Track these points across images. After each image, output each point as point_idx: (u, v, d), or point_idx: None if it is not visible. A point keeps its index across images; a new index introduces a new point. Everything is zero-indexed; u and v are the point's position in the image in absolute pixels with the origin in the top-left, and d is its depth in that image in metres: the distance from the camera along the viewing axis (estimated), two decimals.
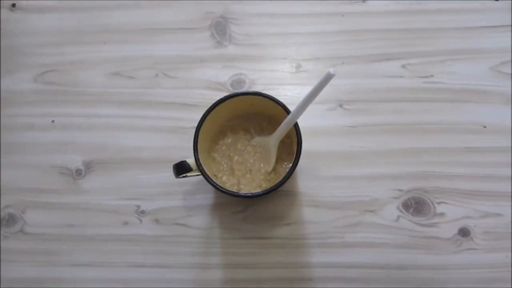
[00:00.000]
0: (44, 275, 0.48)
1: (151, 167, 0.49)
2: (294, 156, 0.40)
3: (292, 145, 0.45)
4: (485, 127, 0.49)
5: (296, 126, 0.41)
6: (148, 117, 0.51)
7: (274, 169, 0.44)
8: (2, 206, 0.50)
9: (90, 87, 0.52)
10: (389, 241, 0.46)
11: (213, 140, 0.46)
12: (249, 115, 0.46)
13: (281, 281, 0.46)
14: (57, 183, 0.50)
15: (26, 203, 0.49)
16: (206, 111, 0.42)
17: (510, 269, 0.45)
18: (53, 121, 0.51)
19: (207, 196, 0.49)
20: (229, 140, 0.46)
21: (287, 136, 0.44)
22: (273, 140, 0.43)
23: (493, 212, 0.47)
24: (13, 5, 0.55)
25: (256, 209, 0.48)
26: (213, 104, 0.42)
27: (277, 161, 0.45)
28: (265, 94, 0.42)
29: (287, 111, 0.41)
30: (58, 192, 0.49)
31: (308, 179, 0.48)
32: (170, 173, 0.42)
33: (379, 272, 0.46)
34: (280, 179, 0.40)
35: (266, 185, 0.43)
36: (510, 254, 0.45)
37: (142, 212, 0.48)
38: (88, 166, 0.50)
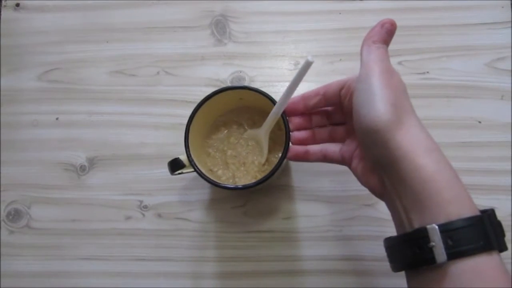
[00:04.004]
0: (49, 268, 0.49)
1: (153, 163, 0.50)
2: (283, 146, 0.40)
3: (284, 135, 0.45)
4: (480, 122, 0.49)
5: (283, 116, 0.41)
6: (149, 114, 0.52)
7: (267, 161, 0.45)
8: (8, 202, 0.51)
9: (93, 85, 0.53)
10: (386, 234, 0.47)
11: (207, 135, 0.46)
12: (241, 109, 0.47)
13: (281, 273, 0.47)
14: (62, 179, 0.51)
15: (31, 198, 0.50)
16: (195, 108, 0.42)
17: (504, 261, 0.46)
18: (57, 119, 0.52)
19: (208, 191, 0.50)
20: (222, 135, 0.47)
21: (279, 127, 0.45)
22: (263, 132, 0.43)
23: (488, 205, 0.47)
24: (17, 4, 0.56)
25: (255, 204, 0.49)
26: (201, 101, 0.42)
27: (270, 152, 0.45)
28: (251, 87, 0.42)
29: (274, 102, 0.41)
30: (63, 187, 0.50)
31: (306, 174, 0.49)
32: None
33: (376, 265, 0.46)
34: None
35: (261, 177, 0.44)
36: None
37: (145, 207, 0.49)
38: (92, 162, 0.51)
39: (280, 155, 0.45)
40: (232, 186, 0.41)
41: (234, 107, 0.46)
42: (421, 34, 0.52)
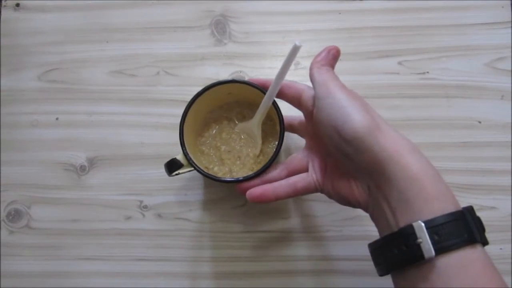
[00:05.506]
0: (49, 268, 0.49)
1: (153, 163, 0.50)
2: (279, 134, 0.40)
3: (275, 125, 0.45)
4: (480, 122, 0.49)
5: (275, 105, 0.41)
6: (149, 114, 0.52)
7: (261, 152, 0.45)
8: (8, 202, 0.51)
9: (93, 85, 0.53)
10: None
11: (199, 133, 0.46)
12: (230, 104, 0.47)
13: (280, 273, 0.47)
14: (62, 179, 0.51)
15: (31, 198, 0.50)
16: (187, 105, 0.42)
17: (503, 261, 0.46)
18: (57, 119, 0.52)
19: (208, 190, 0.50)
20: (214, 131, 0.47)
21: (269, 118, 0.45)
22: (255, 123, 0.43)
23: (488, 205, 0.48)
24: (17, 4, 0.56)
25: (255, 204, 0.49)
26: (192, 98, 0.42)
27: (263, 143, 0.45)
28: (240, 80, 0.42)
29: (264, 92, 0.41)
30: (63, 187, 0.50)
31: None
32: None
33: None
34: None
35: (257, 168, 0.43)
36: (504, 246, 0.46)
37: (145, 207, 0.49)
38: (92, 163, 0.51)
39: (273, 144, 0.45)
40: (233, 179, 0.41)
41: (223, 102, 0.47)
42: (421, 34, 0.52)
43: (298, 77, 0.52)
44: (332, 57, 0.37)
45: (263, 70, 0.53)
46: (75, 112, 0.52)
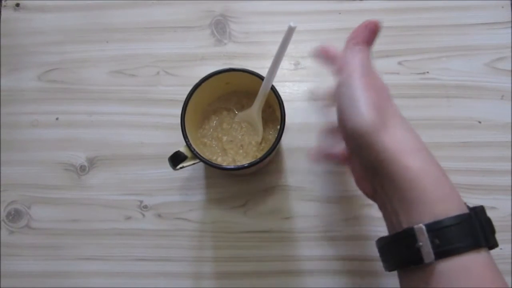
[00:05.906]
0: (49, 268, 0.49)
1: (153, 163, 0.50)
2: (280, 118, 0.40)
3: (275, 112, 0.45)
4: (480, 122, 0.49)
5: (274, 89, 0.40)
6: (149, 114, 0.52)
7: (263, 139, 0.45)
8: (8, 202, 0.51)
9: (93, 85, 0.53)
10: (385, 234, 0.47)
11: (200, 126, 0.47)
12: (228, 94, 0.47)
13: (281, 274, 0.47)
14: (62, 179, 0.51)
15: (31, 198, 0.50)
16: (187, 97, 0.42)
17: (503, 261, 0.46)
18: (57, 119, 0.52)
19: (208, 191, 0.50)
20: (214, 123, 0.47)
21: (268, 105, 0.45)
22: (255, 110, 0.43)
23: (488, 205, 0.47)
24: (17, 4, 0.56)
25: (255, 204, 0.49)
26: (192, 89, 0.42)
27: (264, 130, 0.45)
28: (236, 68, 0.42)
29: (262, 78, 0.40)
30: (63, 188, 0.50)
31: (307, 174, 0.49)
32: (171, 168, 0.43)
33: (376, 265, 0.46)
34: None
35: (260, 155, 0.43)
36: (504, 247, 0.46)
37: (145, 207, 0.49)
38: (92, 163, 0.51)
39: (274, 131, 0.45)
40: (236, 166, 0.41)
41: (221, 93, 0.47)
42: (421, 34, 0.52)
43: (298, 77, 0.52)
44: (370, 31, 0.33)
45: (263, 70, 0.52)
46: (75, 112, 0.52)
